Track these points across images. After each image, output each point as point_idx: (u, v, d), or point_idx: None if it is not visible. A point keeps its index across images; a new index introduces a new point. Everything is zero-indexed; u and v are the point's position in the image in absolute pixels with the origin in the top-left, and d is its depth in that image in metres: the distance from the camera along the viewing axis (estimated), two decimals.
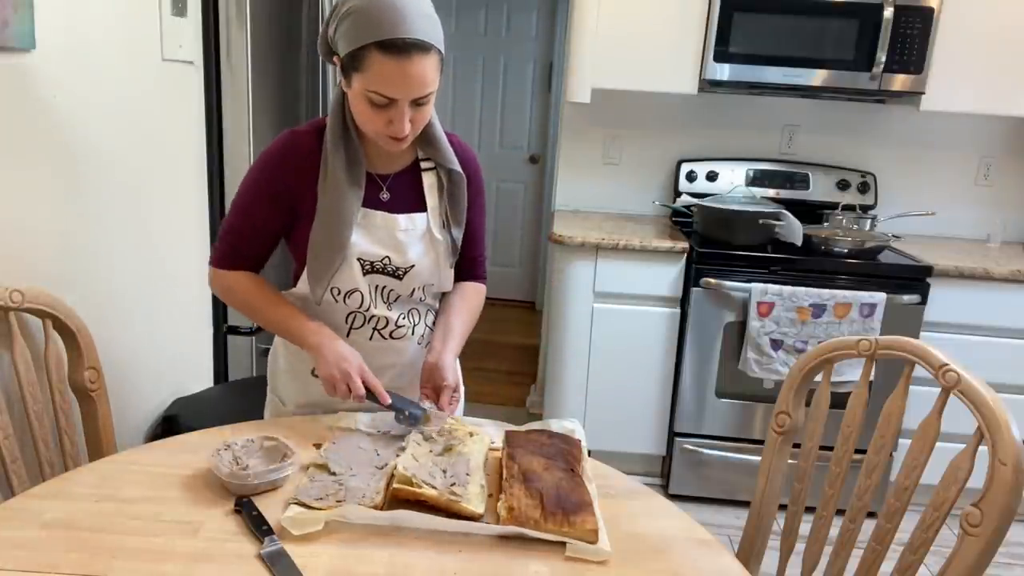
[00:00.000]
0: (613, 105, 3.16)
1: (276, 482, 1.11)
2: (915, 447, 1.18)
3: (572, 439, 1.25)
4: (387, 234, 1.32)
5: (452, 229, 1.37)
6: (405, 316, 1.39)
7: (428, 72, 1.16)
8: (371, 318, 1.37)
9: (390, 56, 1.13)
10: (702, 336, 2.65)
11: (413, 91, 1.17)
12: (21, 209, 1.44)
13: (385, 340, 1.39)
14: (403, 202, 1.34)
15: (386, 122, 1.20)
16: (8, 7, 1.34)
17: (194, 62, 1.99)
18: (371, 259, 1.32)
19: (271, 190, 1.31)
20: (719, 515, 2.70)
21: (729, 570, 1.02)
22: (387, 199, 1.34)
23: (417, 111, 1.21)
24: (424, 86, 1.17)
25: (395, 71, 1.14)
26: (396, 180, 1.35)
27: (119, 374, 1.74)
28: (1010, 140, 3.09)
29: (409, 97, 1.17)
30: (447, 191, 1.36)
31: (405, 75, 1.14)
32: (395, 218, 1.32)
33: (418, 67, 1.14)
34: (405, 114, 1.19)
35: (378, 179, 1.34)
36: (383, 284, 1.35)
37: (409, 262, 1.34)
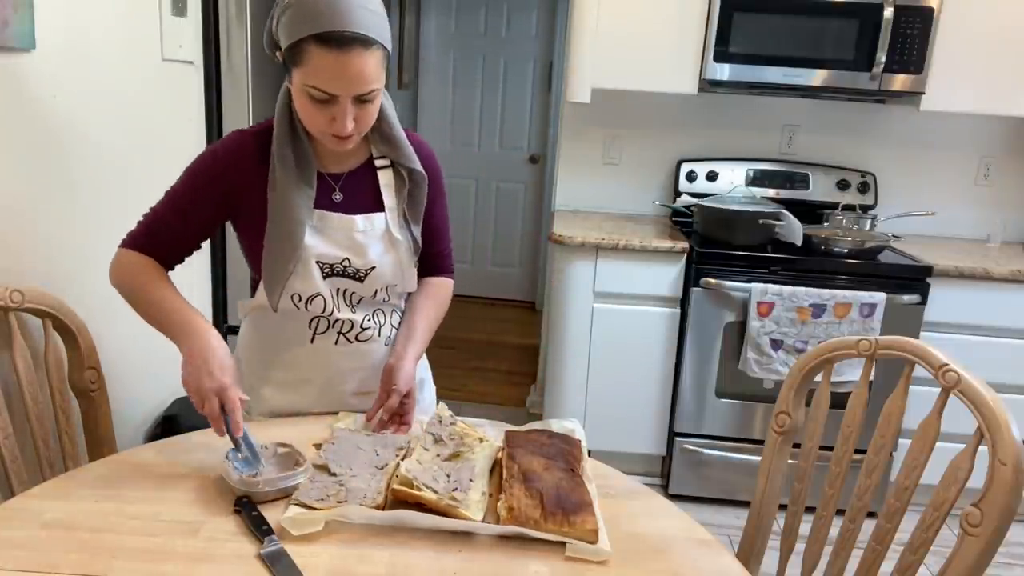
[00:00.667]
0: (613, 105, 3.16)
1: (287, 490, 1.10)
2: (915, 447, 1.18)
3: (572, 439, 1.25)
4: (344, 236, 1.29)
5: (412, 228, 1.35)
6: (370, 318, 1.36)
7: (369, 68, 1.12)
8: (335, 322, 1.33)
9: (328, 49, 1.09)
10: (702, 336, 2.65)
11: (353, 87, 1.12)
12: (21, 209, 1.44)
13: (351, 344, 1.36)
14: (357, 202, 1.31)
15: (328, 120, 1.16)
16: (8, 7, 1.34)
17: (194, 62, 1.99)
18: (330, 261, 1.29)
19: (209, 187, 1.26)
20: (719, 515, 2.70)
21: (729, 570, 1.02)
22: (340, 200, 1.30)
23: (361, 109, 1.16)
24: (365, 82, 1.12)
25: (333, 65, 1.10)
26: (349, 179, 1.32)
27: (119, 374, 1.74)
28: (1010, 140, 3.09)
29: (349, 93, 1.13)
30: (407, 190, 1.33)
31: (343, 69, 1.10)
32: (352, 219, 1.29)
33: (357, 61, 1.10)
34: (348, 112, 1.14)
35: (329, 179, 1.30)
36: (344, 287, 1.32)
37: (370, 263, 1.31)
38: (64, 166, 1.54)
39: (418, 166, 1.32)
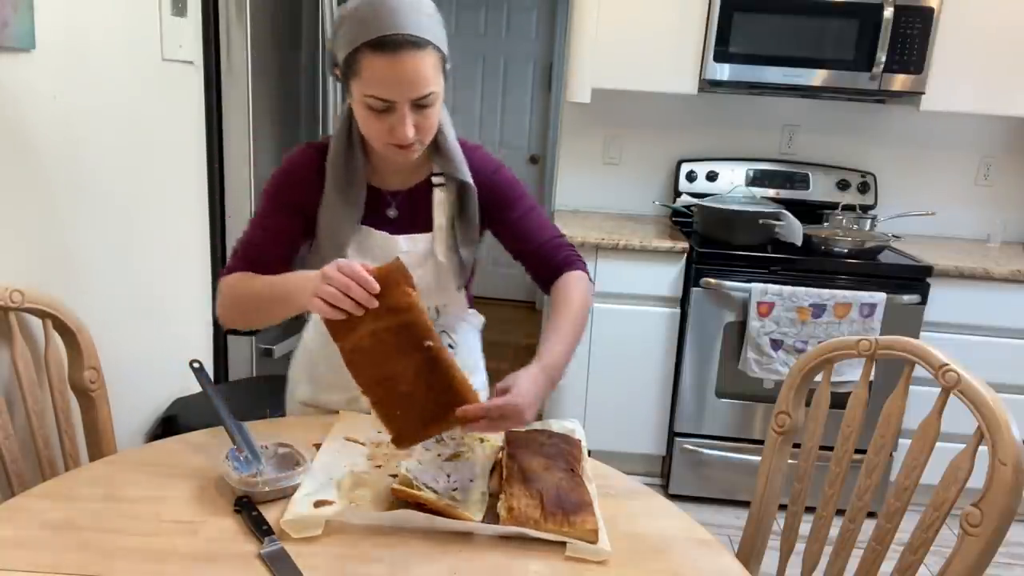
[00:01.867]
0: (613, 105, 3.16)
1: (286, 490, 1.10)
2: (915, 447, 1.18)
3: (572, 439, 1.25)
4: (385, 256, 1.27)
5: (461, 249, 1.29)
6: None
7: (424, 69, 1.10)
8: None
9: (381, 54, 1.08)
10: (702, 336, 2.65)
11: (409, 90, 1.11)
12: (21, 209, 1.44)
13: None
14: (410, 221, 1.30)
15: (388, 130, 1.15)
16: (8, 7, 1.34)
17: (194, 62, 1.99)
18: None
19: (283, 202, 1.29)
20: (719, 515, 2.70)
21: (729, 570, 1.02)
22: (394, 216, 1.29)
23: (420, 115, 1.15)
24: (421, 85, 1.11)
25: (387, 69, 1.09)
26: (406, 197, 1.30)
27: (119, 374, 1.74)
28: (1010, 140, 3.09)
29: (406, 97, 1.12)
30: (457, 207, 1.28)
31: (398, 73, 1.09)
32: (395, 240, 1.28)
33: (411, 64, 1.09)
34: (406, 117, 1.13)
35: (388, 196, 1.30)
36: None
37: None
38: (64, 166, 1.54)
39: (466, 177, 1.27)
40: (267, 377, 2.17)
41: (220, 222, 2.13)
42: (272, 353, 2.25)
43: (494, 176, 1.32)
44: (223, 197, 2.12)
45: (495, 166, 1.33)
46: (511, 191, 1.33)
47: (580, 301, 1.27)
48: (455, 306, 1.36)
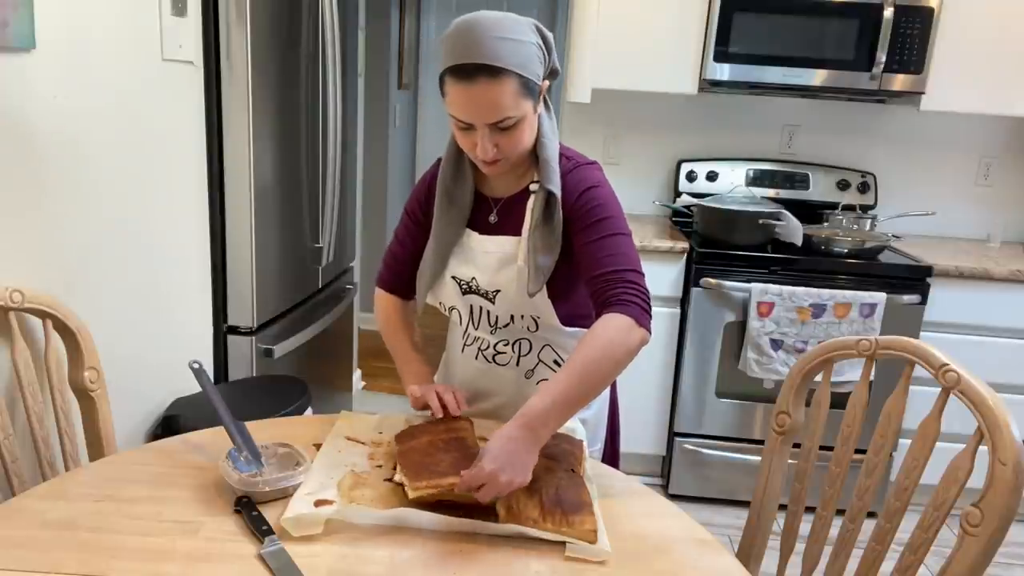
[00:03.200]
0: (613, 105, 3.16)
1: (287, 490, 1.11)
2: (915, 447, 1.18)
3: (574, 439, 1.25)
4: (476, 255, 1.33)
5: (538, 256, 1.26)
6: (508, 344, 1.38)
7: (500, 97, 1.13)
8: (475, 339, 1.40)
9: (458, 81, 1.13)
10: (702, 336, 2.65)
11: (483, 115, 1.15)
12: (21, 209, 1.44)
13: (488, 363, 1.40)
14: (507, 225, 1.33)
15: (472, 146, 1.21)
16: (8, 7, 1.34)
17: (194, 62, 1.99)
18: (463, 279, 1.35)
19: (417, 214, 1.42)
20: (719, 515, 2.70)
21: (729, 570, 1.02)
22: (495, 221, 1.34)
23: (502, 136, 1.18)
24: (496, 111, 1.14)
25: (462, 96, 1.14)
26: (507, 203, 1.34)
27: (119, 374, 1.74)
28: (1010, 140, 3.09)
29: (482, 121, 1.16)
30: (541, 215, 1.27)
31: (472, 100, 1.14)
32: (483, 239, 1.33)
33: (484, 91, 1.12)
34: (486, 138, 1.17)
35: (491, 202, 1.35)
36: (480, 305, 1.36)
37: (494, 285, 1.32)
38: (64, 166, 1.54)
39: (553, 187, 1.25)
40: (267, 377, 2.17)
41: (220, 222, 2.13)
42: (272, 353, 2.24)
43: (586, 193, 1.27)
44: (223, 197, 2.12)
45: (588, 185, 1.27)
46: (596, 212, 1.25)
47: (600, 345, 1.14)
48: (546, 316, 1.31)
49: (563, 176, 1.28)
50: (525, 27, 1.17)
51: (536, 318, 1.33)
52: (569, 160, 1.31)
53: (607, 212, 1.26)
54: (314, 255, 2.55)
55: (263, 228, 2.19)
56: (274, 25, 2.16)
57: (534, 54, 1.17)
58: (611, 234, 1.24)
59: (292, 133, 2.33)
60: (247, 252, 2.15)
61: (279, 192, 2.27)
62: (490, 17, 1.14)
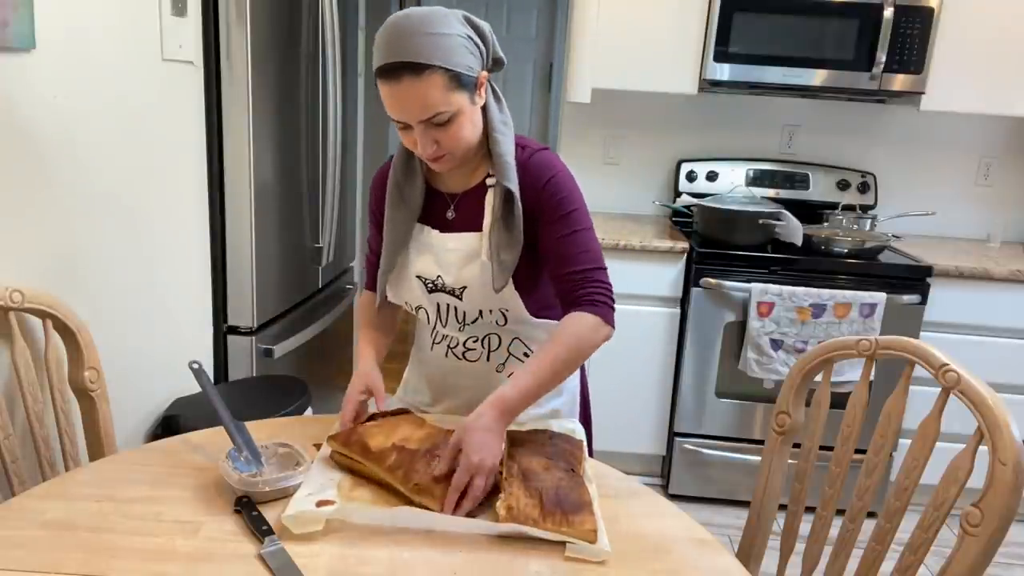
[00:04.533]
0: (613, 105, 3.16)
1: (287, 489, 1.11)
2: (915, 447, 1.18)
3: (574, 439, 1.25)
4: (439, 253, 1.32)
5: (501, 252, 1.26)
6: (477, 340, 1.37)
7: (424, 94, 1.12)
8: (444, 336, 1.39)
9: (385, 81, 1.13)
10: (702, 336, 2.65)
11: (413, 113, 1.14)
12: (21, 209, 1.44)
13: (458, 360, 1.39)
14: (465, 221, 1.32)
15: (414, 143, 1.20)
16: (8, 7, 1.34)
17: (194, 62, 1.99)
18: (428, 277, 1.33)
19: (374, 214, 1.42)
20: (719, 515, 2.70)
21: (729, 570, 1.02)
22: (452, 217, 1.33)
23: (439, 131, 1.17)
24: (424, 108, 1.13)
25: (390, 95, 1.14)
26: (464, 199, 1.33)
27: (119, 374, 1.74)
28: (1010, 140, 3.09)
29: (413, 119, 1.15)
30: (500, 210, 1.27)
31: (398, 98, 1.13)
32: (444, 237, 1.32)
33: (410, 89, 1.11)
34: (424, 135, 1.17)
35: (447, 197, 1.34)
36: (447, 302, 1.34)
37: (460, 282, 1.31)
38: (64, 166, 1.54)
39: (510, 184, 1.24)
40: (267, 377, 2.17)
41: (220, 222, 2.13)
42: (272, 353, 2.24)
43: (550, 182, 1.27)
44: (223, 197, 2.12)
45: (549, 175, 1.27)
46: (563, 205, 1.27)
47: (571, 342, 1.21)
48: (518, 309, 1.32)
49: (522, 165, 1.27)
50: (452, 19, 1.14)
51: (505, 311, 1.32)
52: (524, 149, 1.29)
53: (573, 204, 1.28)
54: (314, 255, 2.55)
55: (263, 228, 2.19)
56: (274, 25, 2.16)
57: (461, 45, 1.14)
58: (578, 230, 1.27)
59: (292, 133, 2.33)
60: (247, 252, 2.15)
61: (279, 192, 2.27)
62: (415, 14, 1.12)
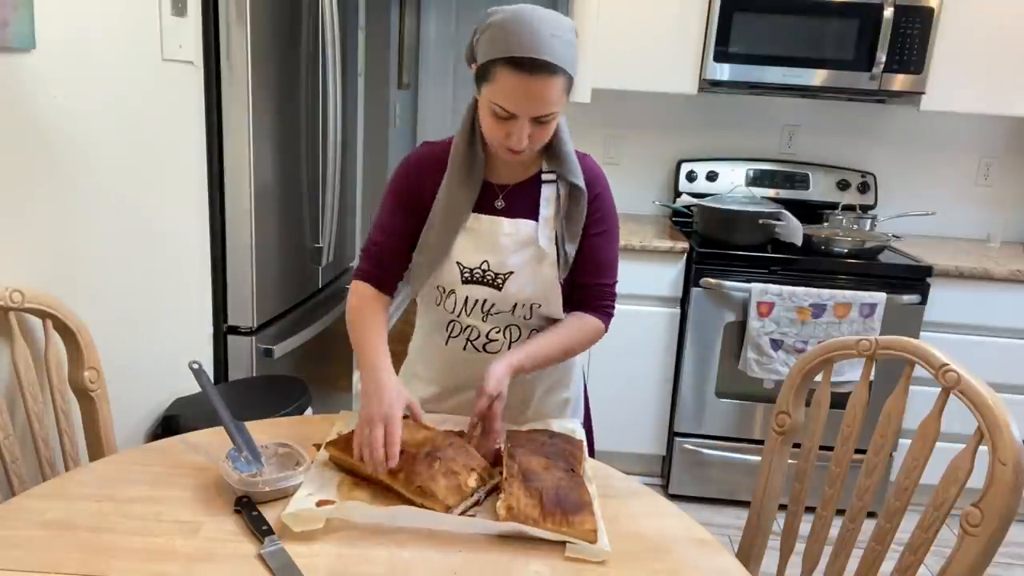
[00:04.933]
0: (613, 105, 3.16)
1: (287, 490, 1.11)
2: (915, 447, 1.18)
3: (574, 439, 1.25)
4: (490, 238, 1.32)
5: (565, 243, 1.33)
6: (500, 331, 1.37)
7: (551, 93, 1.17)
8: (465, 327, 1.38)
9: (517, 72, 1.14)
10: (702, 336, 2.64)
11: (533, 109, 1.18)
12: (21, 209, 1.44)
13: (478, 352, 1.39)
14: (516, 210, 1.34)
15: (505, 134, 1.21)
16: (8, 7, 1.34)
17: (194, 62, 1.99)
18: (469, 266, 1.33)
19: (404, 198, 1.36)
20: (719, 515, 2.70)
21: (729, 570, 1.02)
22: (501, 207, 1.34)
23: (538, 128, 1.21)
24: (546, 106, 1.18)
25: (518, 88, 1.15)
26: (514, 190, 1.35)
27: (119, 374, 1.74)
28: (1010, 140, 3.09)
29: (529, 114, 1.18)
30: (566, 205, 1.33)
31: (527, 93, 1.16)
32: (500, 221, 1.33)
33: (541, 87, 1.15)
34: (524, 129, 1.20)
35: (496, 188, 1.35)
36: (482, 296, 1.34)
37: (507, 267, 1.32)
38: (64, 166, 1.54)
39: (579, 181, 1.32)
40: (267, 377, 2.17)
41: (220, 222, 2.13)
42: (272, 353, 2.24)
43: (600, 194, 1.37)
44: (223, 197, 2.12)
45: (604, 183, 1.38)
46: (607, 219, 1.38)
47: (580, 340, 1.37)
48: (554, 305, 1.36)
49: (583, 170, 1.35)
50: (569, 27, 1.20)
51: (537, 306, 1.35)
52: (578, 152, 1.37)
53: (613, 219, 1.40)
54: (314, 255, 2.55)
55: (263, 228, 2.19)
56: (274, 25, 2.16)
57: (576, 55, 1.21)
58: (612, 243, 1.40)
59: (292, 133, 2.33)
60: (247, 252, 2.15)
61: (279, 192, 2.27)
62: (548, 15, 1.17)
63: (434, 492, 1.06)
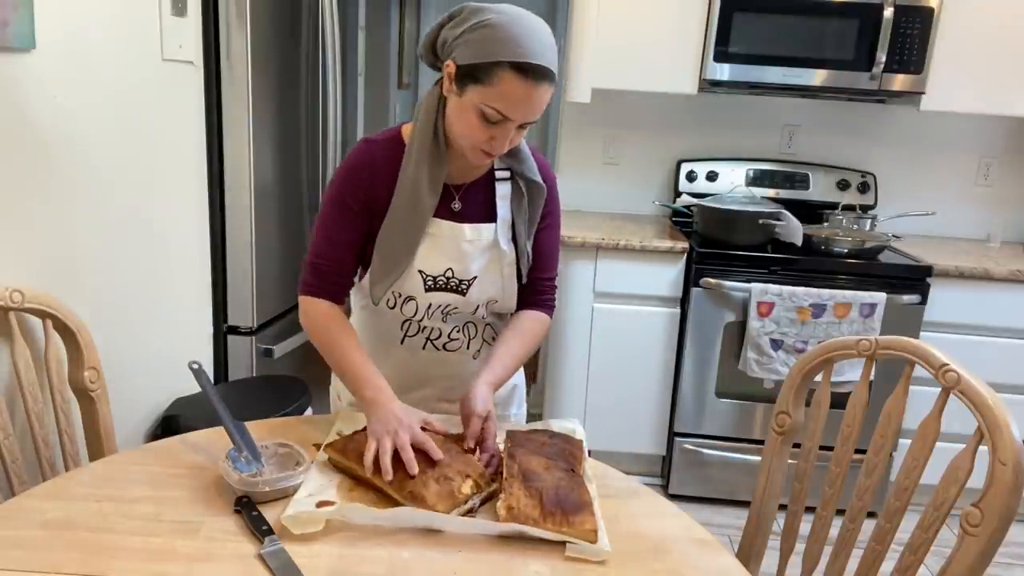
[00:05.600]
0: (613, 105, 3.16)
1: (286, 490, 1.11)
2: (915, 447, 1.18)
3: (574, 439, 1.25)
4: (452, 244, 1.31)
5: (525, 240, 1.35)
6: (459, 330, 1.38)
7: (545, 100, 1.18)
8: (424, 328, 1.38)
9: (523, 79, 1.13)
10: (702, 336, 2.65)
11: (530, 115, 1.18)
12: (21, 208, 1.44)
13: (438, 351, 1.39)
14: (473, 212, 1.33)
15: (488, 138, 1.19)
16: (8, 7, 1.34)
17: (194, 62, 1.99)
18: (433, 273, 1.31)
19: (353, 202, 1.29)
20: (719, 515, 2.70)
21: (729, 570, 1.02)
22: (458, 209, 1.32)
23: (518, 133, 1.22)
24: (538, 112, 1.18)
25: (523, 94, 1.14)
26: (468, 190, 1.33)
27: (119, 374, 1.74)
28: (1010, 140, 3.09)
29: (524, 120, 1.18)
30: (524, 202, 1.34)
31: (530, 100, 1.15)
32: (461, 228, 1.31)
33: (542, 94, 1.16)
34: (510, 133, 1.19)
35: (453, 189, 1.33)
36: (445, 302, 1.33)
37: (471, 273, 1.32)
38: (64, 166, 1.54)
39: (538, 178, 1.34)
40: (267, 377, 2.17)
41: (220, 222, 2.13)
42: (272, 353, 2.25)
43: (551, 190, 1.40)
44: (223, 197, 2.12)
45: (552, 181, 1.40)
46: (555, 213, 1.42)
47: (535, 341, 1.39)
48: (510, 300, 1.38)
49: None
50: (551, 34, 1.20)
51: (494, 302, 1.37)
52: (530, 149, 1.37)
53: (558, 212, 1.43)
54: None
55: (263, 228, 2.19)
56: (274, 25, 2.16)
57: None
58: (556, 237, 1.44)
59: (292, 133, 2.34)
60: (247, 252, 2.15)
61: (279, 192, 2.27)
62: (540, 21, 1.17)
63: (424, 497, 1.06)
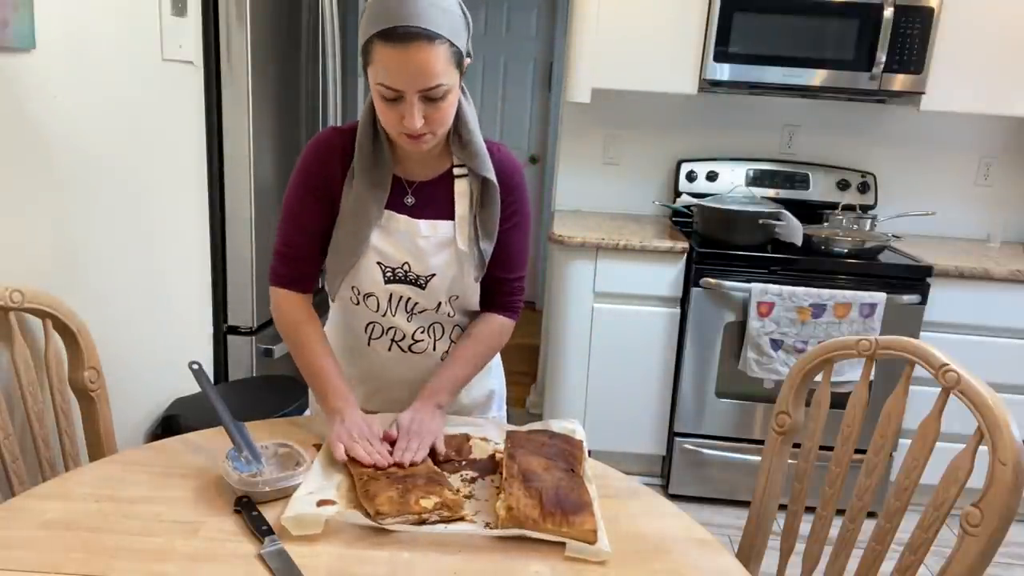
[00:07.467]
0: (613, 105, 3.16)
1: (287, 490, 1.10)
2: (915, 447, 1.18)
3: (573, 439, 1.25)
4: (408, 239, 1.29)
5: (480, 242, 1.31)
6: (424, 331, 1.37)
7: (433, 62, 1.11)
8: (389, 328, 1.36)
9: (391, 44, 1.10)
10: (702, 336, 2.65)
11: (416, 81, 1.12)
12: (21, 208, 1.44)
13: (404, 353, 1.38)
14: (429, 208, 1.30)
15: (399, 118, 1.16)
16: (8, 7, 1.34)
17: (194, 62, 1.99)
18: (391, 265, 1.30)
19: (313, 186, 1.29)
20: (719, 515, 2.70)
21: (729, 570, 1.02)
22: (411, 204, 1.30)
23: (432, 108, 1.16)
24: (429, 76, 1.12)
25: (394, 59, 1.10)
26: (424, 186, 1.31)
27: (119, 374, 1.74)
28: (1010, 140, 3.09)
29: (413, 88, 1.13)
30: (479, 201, 1.30)
31: (404, 64, 1.10)
32: (416, 223, 1.29)
33: (419, 56, 1.10)
34: (414, 107, 1.14)
35: (405, 184, 1.31)
36: (406, 294, 1.32)
37: (429, 270, 1.30)
38: (64, 166, 1.54)
39: (490, 175, 1.28)
40: (267, 377, 2.17)
41: (220, 222, 2.13)
42: (272, 353, 2.25)
43: (517, 183, 1.35)
44: (223, 197, 2.12)
45: (517, 178, 1.35)
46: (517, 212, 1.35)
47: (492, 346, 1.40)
48: (473, 299, 1.37)
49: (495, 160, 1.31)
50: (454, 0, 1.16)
51: (458, 302, 1.35)
52: (490, 143, 1.33)
53: (526, 210, 1.37)
54: None
55: (263, 228, 2.19)
56: (274, 25, 2.16)
57: (461, 25, 1.15)
58: (524, 236, 1.38)
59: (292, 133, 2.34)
60: (247, 252, 2.15)
61: (279, 192, 2.27)
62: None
63: (375, 495, 1.06)
